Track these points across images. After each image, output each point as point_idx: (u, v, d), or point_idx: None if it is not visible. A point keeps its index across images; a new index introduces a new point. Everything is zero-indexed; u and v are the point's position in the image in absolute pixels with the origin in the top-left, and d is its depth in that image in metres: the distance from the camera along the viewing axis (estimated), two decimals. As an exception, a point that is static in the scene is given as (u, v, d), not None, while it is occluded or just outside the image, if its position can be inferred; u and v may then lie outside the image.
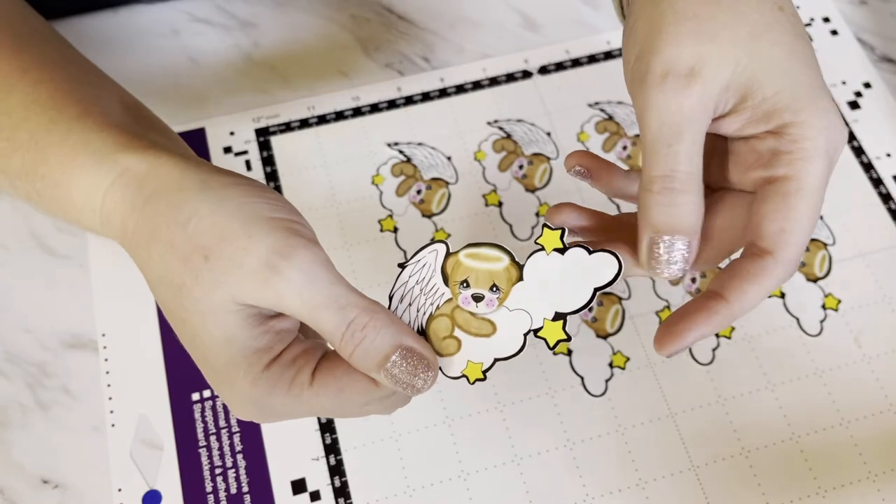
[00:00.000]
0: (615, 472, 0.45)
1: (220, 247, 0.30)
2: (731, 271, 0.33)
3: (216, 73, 0.57)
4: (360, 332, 0.30)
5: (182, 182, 0.31)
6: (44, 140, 0.35)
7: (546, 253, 0.32)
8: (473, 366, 0.32)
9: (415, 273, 0.33)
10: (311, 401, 0.31)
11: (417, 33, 0.59)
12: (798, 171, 0.32)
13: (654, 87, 0.31)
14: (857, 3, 0.61)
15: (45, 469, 0.45)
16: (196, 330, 0.31)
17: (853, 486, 0.44)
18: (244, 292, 0.29)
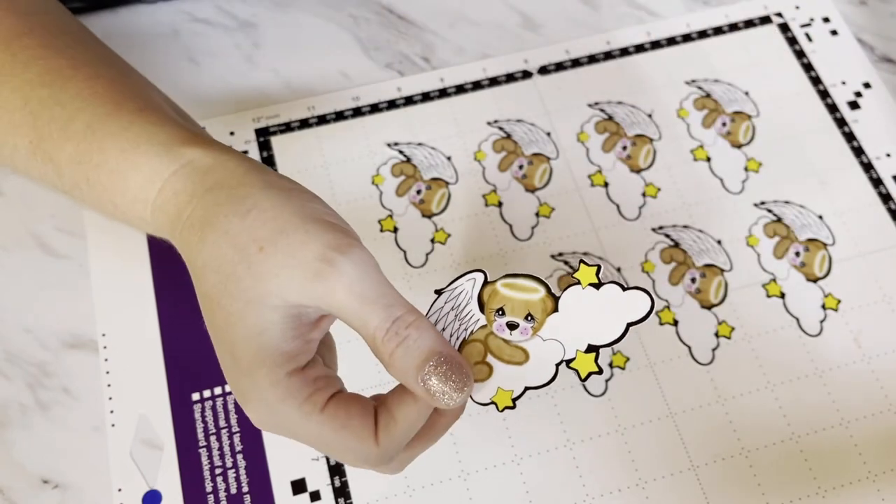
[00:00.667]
0: (615, 472, 0.45)
1: (277, 239, 0.30)
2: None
3: (216, 73, 0.57)
4: (405, 331, 0.30)
5: (246, 178, 0.32)
6: (102, 130, 0.35)
7: (582, 287, 0.33)
8: (504, 393, 0.33)
9: (451, 300, 0.34)
10: (316, 426, 0.31)
11: (417, 33, 0.59)
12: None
13: None
14: (857, 3, 0.61)
15: (45, 469, 0.45)
16: (233, 317, 0.31)
17: (853, 486, 0.44)
18: (295, 285, 0.30)
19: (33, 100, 0.36)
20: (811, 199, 0.53)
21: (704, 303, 0.49)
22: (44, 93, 0.36)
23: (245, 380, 0.31)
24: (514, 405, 0.32)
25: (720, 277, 0.50)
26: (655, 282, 0.50)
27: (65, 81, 0.36)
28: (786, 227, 0.52)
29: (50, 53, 0.37)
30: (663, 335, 0.48)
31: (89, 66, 0.37)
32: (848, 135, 0.55)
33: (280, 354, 0.30)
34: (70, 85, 0.36)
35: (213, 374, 0.47)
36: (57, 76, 0.36)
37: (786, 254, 0.51)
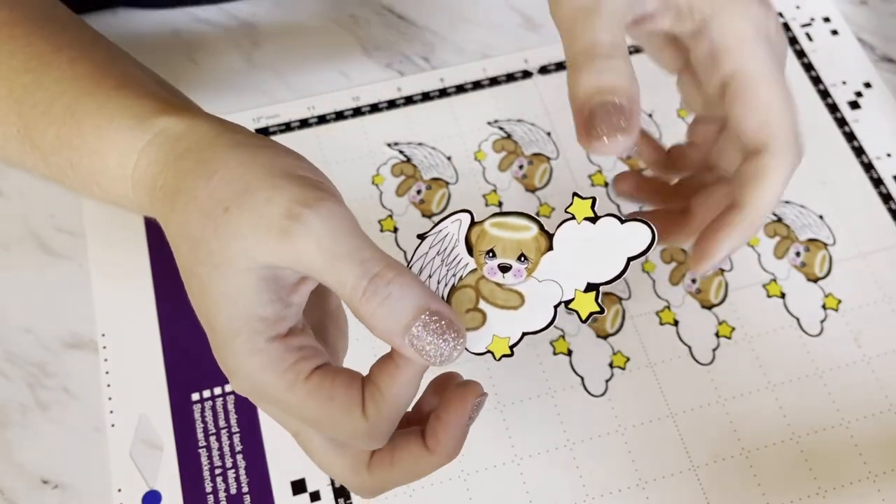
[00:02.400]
0: (615, 472, 0.45)
1: (243, 198, 0.28)
2: (738, 180, 0.32)
3: (216, 73, 0.57)
4: (385, 288, 0.28)
5: (216, 140, 0.31)
6: (81, 110, 0.34)
7: (577, 222, 0.31)
8: (500, 340, 0.30)
9: (435, 244, 0.31)
10: (300, 397, 0.29)
11: (417, 33, 0.59)
12: (740, 62, 0.32)
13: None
14: (857, 3, 0.61)
15: (45, 469, 0.45)
16: (205, 285, 0.29)
17: (853, 486, 0.44)
18: (262, 245, 0.28)
19: (17, 87, 0.36)
20: (811, 199, 0.53)
21: (705, 303, 0.49)
22: (27, 79, 0.36)
23: (225, 350, 0.29)
24: (512, 353, 0.30)
25: (721, 277, 0.50)
26: (656, 281, 0.50)
27: (47, 65, 0.35)
28: (786, 226, 0.52)
29: (34, 40, 0.36)
30: (663, 335, 0.48)
31: (72, 48, 0.36)
32: (848, 135, 0.55)
33: (257, 320, 0.29)
34: (52, 68, 0.35)
35: (213, 374, 0.47)
36: (40, 61, 0.36)
37: (786, 254, 0.51)
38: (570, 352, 0.48)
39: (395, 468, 0.31)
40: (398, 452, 0.31)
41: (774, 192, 0.33)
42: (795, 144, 0.32)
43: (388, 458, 0.31)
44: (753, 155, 0.32)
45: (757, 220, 0.33)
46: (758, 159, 0.32)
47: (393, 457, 0.31)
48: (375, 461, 0.31)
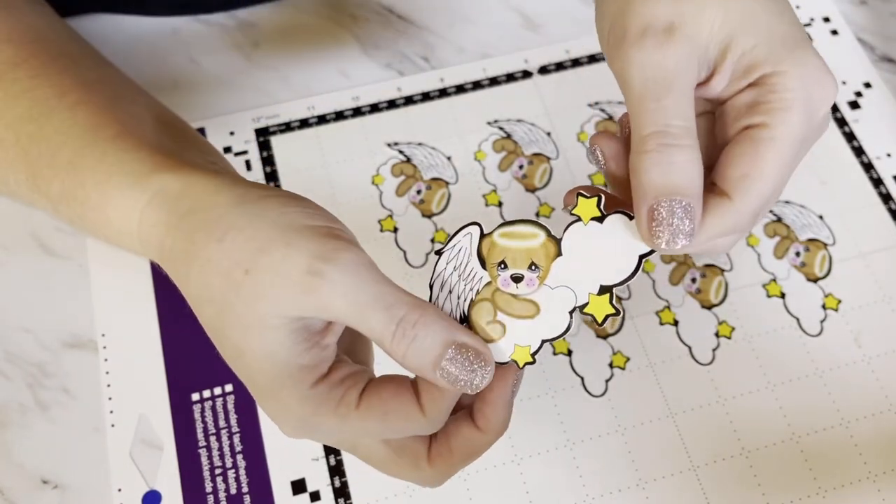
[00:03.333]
0: (615, 472, 0.45)
1: (260, 258, 0.29)
2: None
3: (216, 73, 0.57)
4: (412, 331, 0.29)
5: (217, 198, 0.31)
6: (81, 164, 0.35)
7: (584, 223, 0.31)
8: (521, 349, 0.31)
9: (451, 259, 0.32)
10: (357, 423, 0.30)
11: (417, 33, 0.59)
12: (773, 120, 0.31)
13: (633, 45, 0.30)
14: (857, 3, 0.61)
15: (45, 469, 0.45)
16: (240, 346, 0.30)
17: (853, 486, 0.44)
18: (287, 302, 0.29)
19: (23, 136, 0.36)
20: (811, 198, 0.53)
21: (705, 303, 0.49)
22: (31, 128, 0.36)
23: (272, 404, 0.30)
24: (534, 360, 0.31)
25: (720, 277, 0.50)
26: (656, 281, 0.50)
27: (49, 113, 0.36)
28: (786, 226, 0.52)
29: (38, 83, 0.37)
30: (663, 335, 0.48)
31: (75, 91, 0.37)
32: (848, 135, 0.55)
33: (298, 370, 0.29)
34: (54, 116, 0.36)
35: (213, 374, 0.47)
36: (42, 108, 0.36)
37: (786, 254, 0.51)
38: (570, 352, 0.48)
39: (455, 454, 0.33)
40: (453, 439, 0.32)
41: (708, 234, 0.31)
42: (755, 214, 0.31)
43: (445, 448, 0.33)
44: (716, 193, 0.31)
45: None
46: (717, 199, 0.31)
47: (450, 445, 0.32)
48: (434, 454, 0.33)
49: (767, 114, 0.31)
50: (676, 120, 0.30)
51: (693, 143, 0.30)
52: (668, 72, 0.30)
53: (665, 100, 0.30)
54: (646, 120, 0.30)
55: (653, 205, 0.29)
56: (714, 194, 0.31)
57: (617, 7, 0.32)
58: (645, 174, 0.30)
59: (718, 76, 0.32)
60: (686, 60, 0.30)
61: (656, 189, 0.29)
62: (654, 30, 0.30)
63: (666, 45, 0.30)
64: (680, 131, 0.30)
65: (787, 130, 0.31)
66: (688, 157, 0.29)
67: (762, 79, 0.31)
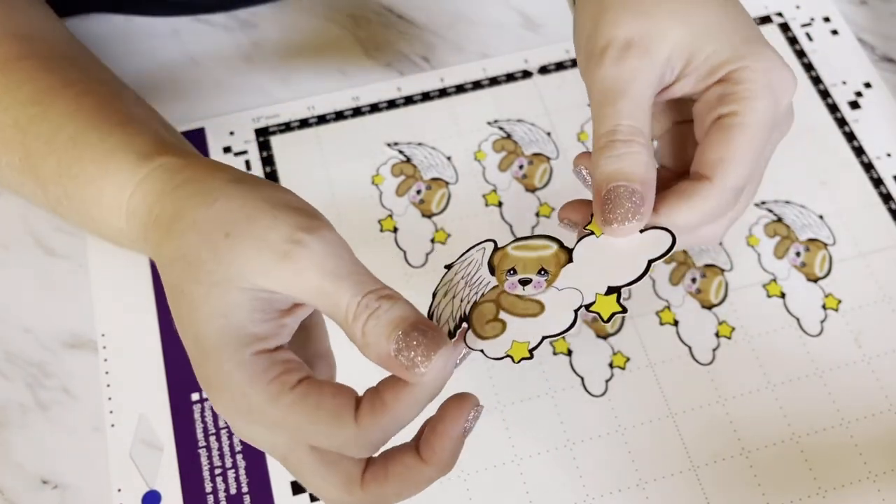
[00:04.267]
0: (615, 472, 0.45)
1: (244, 225, 0.30)
2: (671, 189, 0.34)
3: (216, 73, 0.57)
4: (376, 302, 0.29)
5: (215, 174, 0.32)
6: (83, 141, 0.36)
7: (596, 236, 0.32)
8: (519, 345, 0.31)
9: (461, 270, 0.32)
10: (286, 408, 0.29)
11: (417, 33, 0.59)
12: (742, 108, 0.33)
13: (596, 62, 0.34)
14: (857, 3, 0.61)
15: (45, 469, 0.45)
16: (196, 302, 0.30)
17: (853, 486, 0.44)
18: (262, 268, 0.29)
19: (23, 118, 0.37)
20: (811, 199, 0.53)
21: (705, 303, 0.49)
22: (33, 110, 0.37)
23: (209, 364, 0.30)
24: (532, 355, 0.31)
25: (720, 277, 0.50)
26: (656, 281, 0.50)
27: (54, 98, 0.37)
28: (786, 226, 0.52)
29: (43, 74, 0.38)
30: (663, 335, 0.48)
31: (80, 83, 0.38)
32: (848, 135, 0.55)
33: (246, 335, 0.29)
34: (59, 101, 0.37)
35: (212, 374, 0.47)
36: (46, 94, 0.37)
37: (786, 254, 0.51)
38: (570, 352, 0.48)
39: (390, 482, 0.31)
40: (392, 465, 0.31)
41: (691, 218, 0.34)
42: (736, 192, 0.34)
43: (381, 472, 0.31)
44: (695, 178, 0.34)
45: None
46: (697, 183, 0.34)
47: (387, 470, 0.31)
48: (369, 477, 0.31)
49: (735, 102, 0.34)
50: (626, 120, 0.33)
51: (643, 140, 0.33)
52: (622, 82, 0.33)
53: (617, 104, 0.33)
54: (600, 123, 0.33)
55: (604, 189, 0.32)
56: (691, 180, 0.34)
57: (590, 26, 0.35)
58: (597, 167, 0.33)
59: (685, 80, 0.35)
60: (638, 71, 0.33)
61: (606, 176, 0.32)
62: (614, 47, 0.34)
63: (622, 59, 0.33)
64: (629, 129, 0.33)
65: (755, 116, 0.33)
66: (635, 150, 0.33)
67: (727, 75, 0.34)
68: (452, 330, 0.32)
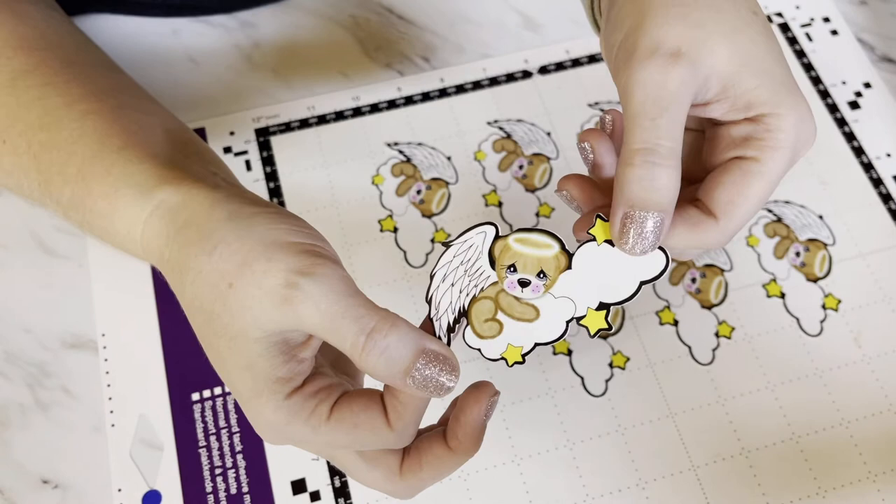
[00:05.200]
0: (615, 472, 0.45)
1: (243, 272, 0.30)
2: (679, 214, 0.34)
3: (216, 73, 0.57)
4: (383, 341, 0.30)
5: (211, 213, 0.33)
6: (89, 173, 0.37)
7: (597, 244, 0.33)
8: (513, 349, 0.32)
9: (460, 253, 0.33)
10: (327, 435, 0.32)
11: (417, 33, 0.59)
12: (765, 157, 0.33)
13: (640, 63, 0.32)
14: (857, 3, 0.61)
15: (45, 469, 0.45)
16: (223, 355, 0.32)
17: (853, 486, 0.44)
18: (265, 315, 0.30)
19: (35, 144, 0.38)
20: (811, 199, 0.53)
21: (705, 303, 0.49)
22: (42, 137, 0.38)
23: (251, 411, 0.32)
24: (524, 360, 0.32)
25: (720, 277, 0.50)
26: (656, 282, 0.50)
27: (59, 122, 0.38)
28: (786, 226, 0.52)
29: (49, 92, 0.39)
30: (663, 335, 0.48)
31: (84, 100, 0.39)
32: (848, 135, 0.55)
33: (274, 382, 0.31)
34: (63, 126, 0.38)
35: (212, 374, 0.46)
36: (53, 117, 0.38)
37: (786, 254, 0.51)
38: (570, 352, 0.48)
39: (424, 470, 0.34)
40: (424, 456, 0.34)
41: (688, 245, 0.34)
42: (734, 234, 0.35)
43: (416, 463, 0.34)
44: (702, 210, 0.34)
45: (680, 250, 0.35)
46: (703, 216, 0.34)
47: (420, 461, 0.34)
48: (406, 468, 0.34)
49: (760, 150, 0.33)
50: (665, 140, 0.32)
51: (676, 164, 0.32)
52: (668, 93, 0.32)
53: (659, 119, 0.32)
54: (638, 135, 0.32)
55: (628, 212, 0.32)
56: (701, 212, 0.34)
57: (631, 23, 0.33)
58: (627, 185, 0.32)
59: (717, 104, 0.34)
60: (685, 85, 0.32)
61: (633, 200, 0.32)
62: (662, 52, 0.32)
63: (670, 68, 0.32)
64: (667, 152, 0.32)
65: (774, 167, 0.33)
66: (668, 176, 0.32)
67: (760, 117, 0.34)
68: (451, 323, 0.33)
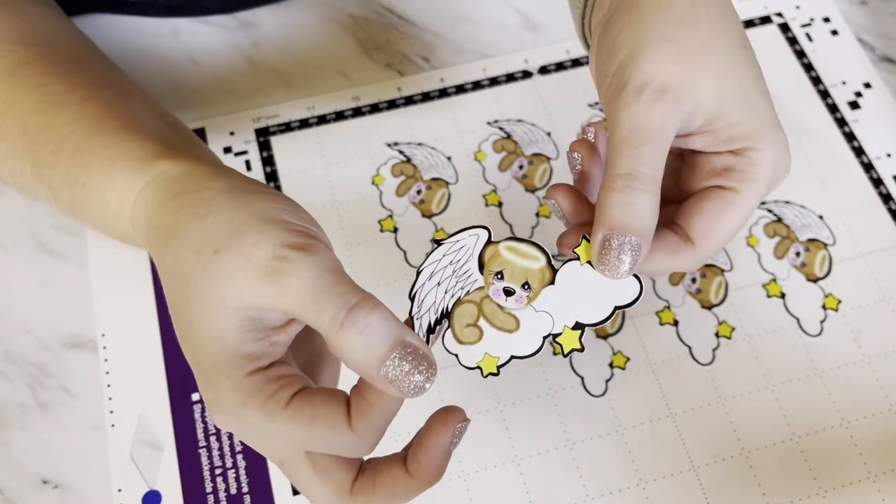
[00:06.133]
0: (615, 472, 0.45)
1: (232, 241, 0.30)
2: (657, 238, 0.34)
3: (216, 73, 0.57)
4: (365, 318, 0.29)
5: (210, 183, 0.32)
6: (87, 149, 0.36)
7: (580, 263, 0.33)
8: (490, 359, 0.32)
9: (450, 253, 0.33)
10: (282, 425, 0.30)
11: (417, 33, 0.59)
12: (743, 188, 0.35)
13: (629, 98, 0.34)
14: (857, 3, 0.61)
15: (45, 469, 0.45)
16: (192, 323, 0.30)
17: (853, 486, 0.44)
18: (249, 286, 0.29)
19: (31, 127, 0.38)
20: (811, 199, 0.53)
21: (705, 303, 0.49)
22: (40, 119, 0.38)
23: (208, 387, 0.31)
24: (499, 372, 0.32)
25: (720, 277, 0.50)
26: (656, 281, 0.50)
27: (59, 107, 0.38)
28: (786, 227, 0.52)
29: (49, 80, 0.39)
30: (663, 335, 0.48)
31: (84, 88, 0.39)
32: (848, 135, 0.55)
33: (240, 357, 0.30)
34: (63, 109, 0.38)
35: (213, 374, 0.47)
36: (52, 102, 0.38)
37: (786, 254, 0.51)
38: (570, 352, 0.48)
39: (377, 492, 0.32)
40: (379, 478, 0.32)
41: (663, 269, 0.35)
42: (708, 258, 0.37)
43: (370, 483, 0.32)
44: (679, 235, 0.35)
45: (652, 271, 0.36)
46: (679, 241, 0.35)
47: (375, 482, 0.32)
48: (357, 487, 0.32)
49: (740, 181, 0.35)
50: (646, 168, 0.33)
51: (655, 191, 0.33)
52: (652, 126, 0.33)
53: (641, 148, 0.33)
54: (620, 162, 0.33)
55: (607, 235, 0.33)
56: (679, 238, 0.35)
57: (624, 56, 0.35)
58: (607, 207, 0.33)
59: (701, 136, 0.35)
60: (669, 119, 0.33)
61: (613, 223, 0.33)
62: (650, 88, 0.33)
63: (656, 103, 0.33)
64: (647, 178, 0.33)
65: (751, 198, 0.35)
66: (647, 202, 0.33)
67: (742, 150, 0.35)
68: (432, 324, 0.32)
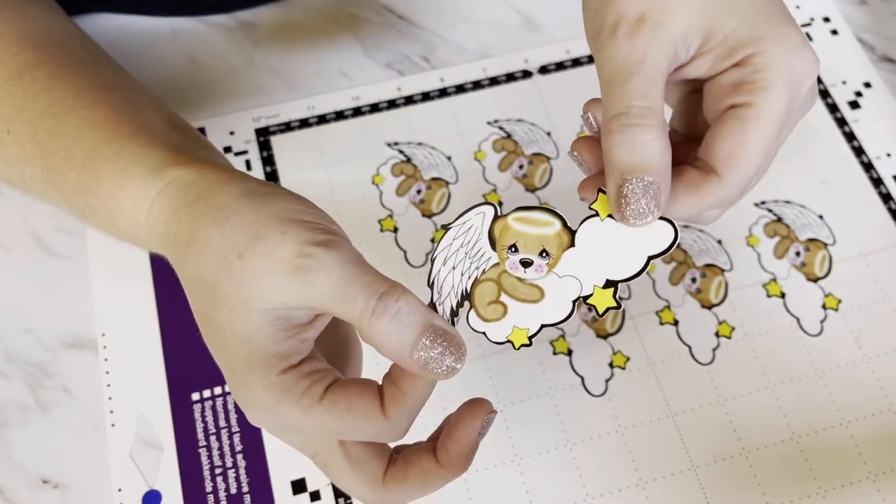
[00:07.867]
0: (615, 472, 0.45)
1: (255, 244, 0.30)
2: (678, 178, 0.32)
3: (216, 73, 0.57)
4: (395, 304, 0.29)
5: (225, 188, 0.32)
6: (97, 156, 0.36)
7: (600, 219, 0.32)
8: (519, 332, 0.31)
9: (459, 235, 0.32)
10: (318, 417, 0.30)
11: (417, 33, 0.59)
12: (757, 99, 0.32)
13: (607, 38, 0.32)
14: (857, 3, 0.61)
15: (45, 469, 0.45)
16: (221, 326, 0.31)
17: (853, 486, 0.44)
18: (276, 286, 0.29)
19: (41, 131, 0.38)
20: (811, 198, 0.53)
21: (705, 303, 0.49)
22: (49, 124, 0.38)
23: (241, 388, 0.31)
24: (531, 342, 0.31)
25: (720, 277, 0.50)
26: (656, 281, 0.50)
27: (67, 111, 0.38)
28: (786, 226, 0.52)
29: (56, 84, 0.39)
30: (663, 335, 0.48)
31: (91, 92, 0.39)
32: (848, 135, 0.55)
33: (272, 356, 0.30)
34: (72, 114, 0.37)
35: (213, 374, 0.47)
36: (61, 106, 0.38)
37: (786, 254, 0.51)
38: (570, 352, 0.48)
39: (409, 482, 0.32)
40: (410, 468, 0.33)
41: (693, 210, 0.33)
42: (743, 188, 0.33)
43: (401, 473, 0.32)
44: (703, 169, 0.33)
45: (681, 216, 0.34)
46: (704, 175, 0.33)
47: (406, 472, 0.32)
48: (389, 477, 0.32)
49: (751, 93, 0.32)
50: (638, 101, 0.31)
51: (657, 122, 0.31)
52: (635, 58, 0.31)
53: (629, 84, 0.31)
54: (611, 104, 0.31)
55: (620, 183, 0.31)
56: (702, 171, 0.33)
57: (597, 2, 0.33)
58: (610, 153, 0.31)
59: (700, 59, 0.33)
60: (654, 48, 0.31)
61: (621, 167, 0.31)
62: (626, 21, 0.32)
63: (634, 34, 0.31)
64: (641, 112, 0.31)
65: (770, 108, 0.32)
66: (650, 135, 0.31)
67: (745, 59, 0.32)
68: (455, 307, 0.32)
